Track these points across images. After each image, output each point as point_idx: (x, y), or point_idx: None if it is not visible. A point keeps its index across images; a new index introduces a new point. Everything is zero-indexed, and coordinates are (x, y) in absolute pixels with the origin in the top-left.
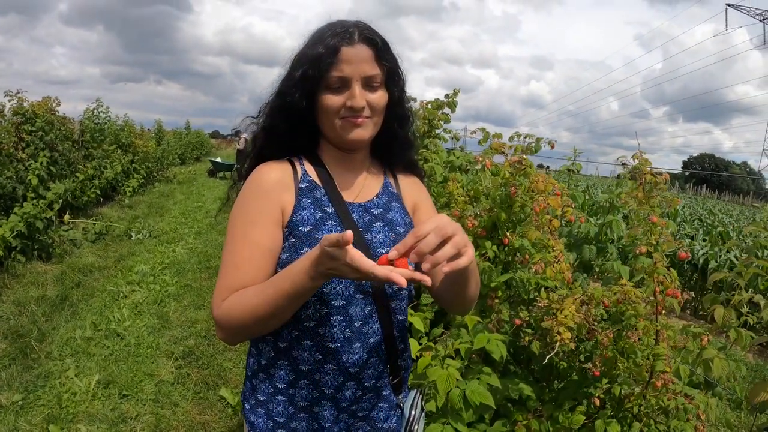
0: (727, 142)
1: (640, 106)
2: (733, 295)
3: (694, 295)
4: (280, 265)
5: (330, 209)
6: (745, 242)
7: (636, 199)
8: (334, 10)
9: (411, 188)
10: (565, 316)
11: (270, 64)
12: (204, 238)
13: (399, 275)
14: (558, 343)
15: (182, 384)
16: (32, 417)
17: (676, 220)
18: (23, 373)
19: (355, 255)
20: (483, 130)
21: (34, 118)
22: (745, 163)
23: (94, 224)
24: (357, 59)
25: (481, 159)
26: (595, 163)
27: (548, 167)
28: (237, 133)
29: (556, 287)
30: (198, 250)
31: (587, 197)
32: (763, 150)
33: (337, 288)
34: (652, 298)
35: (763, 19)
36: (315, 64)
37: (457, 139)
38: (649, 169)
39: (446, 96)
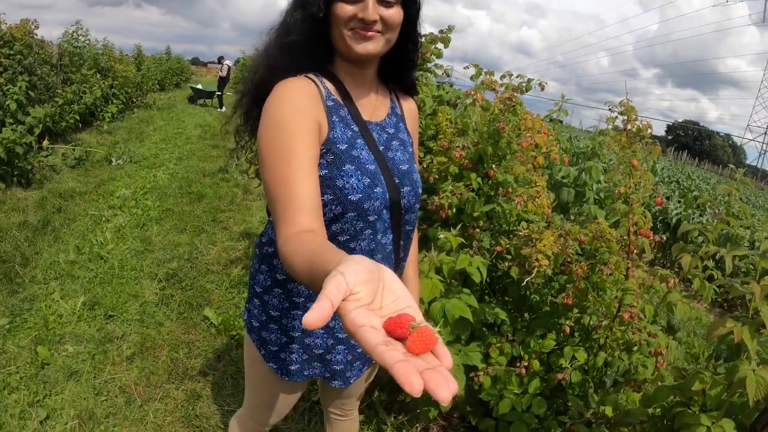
0: (713, 112)
1: (631, 65)
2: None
3: (663, 253)
4: (320, 182)
5: (355, 128)
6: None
7: (619, 143)
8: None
9: (410, 115)
10: (544, 245)
11: None
12: (185, 163)
13: None
14: (536, 269)
15: (166, 305)
16: (20, 339)
17: (654, 177)
18: (8, 298)
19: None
20: (476, 65)
21: (12, 42)
22: (728, 136)
23: (74, 150)
24: None
25: (472, 93)
26: (579, 115)
27: (537, 114)
28: (220, 60)
29: (541, 226)
30: (179, 176)
31: (570, 146)
32: (748, 125)
33: (374, 204)
34: (625, 237)
35: None
36: None
37: (448, 75)
38: (634, 117)
39: (440, 31)
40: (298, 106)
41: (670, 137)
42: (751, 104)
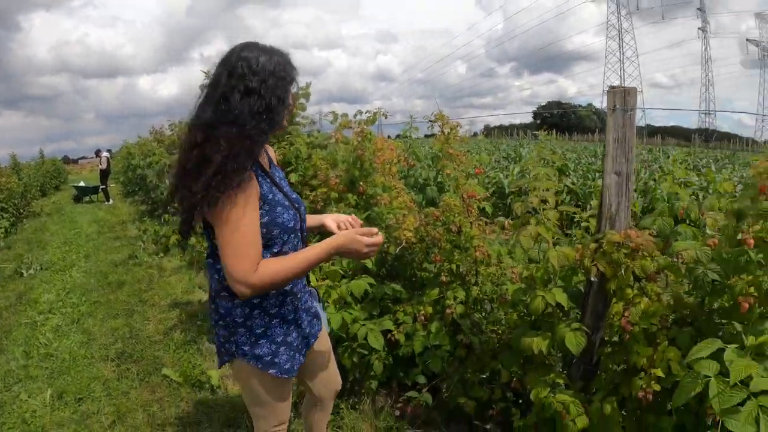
0: (572, 88)
1: (487, 66)
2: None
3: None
4: (262, 226)
5: (268, 180)
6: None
7: (440, 141)
8: (173, 10)
9: (274, 156)
10: (407, 225)
11: (112, 75)
12: (94, 259)
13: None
14: (404, 241)
15: (126, 377)
16: None
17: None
18: None
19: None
20: (333, 112)
21: None
22: (590, 105)
23: None
24: None
25: (334, 134)
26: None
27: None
28: (97, 153)
29: (404, 214)
30: (93, 271)
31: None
32: (604, 90)
33: (297, 224)
34: (462, 203)
35: None
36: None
37: (314, 123)
38: (448, 121)
39: (300, 89)
40: (251, 192)
41: (538, 122)
42: (602, 71)
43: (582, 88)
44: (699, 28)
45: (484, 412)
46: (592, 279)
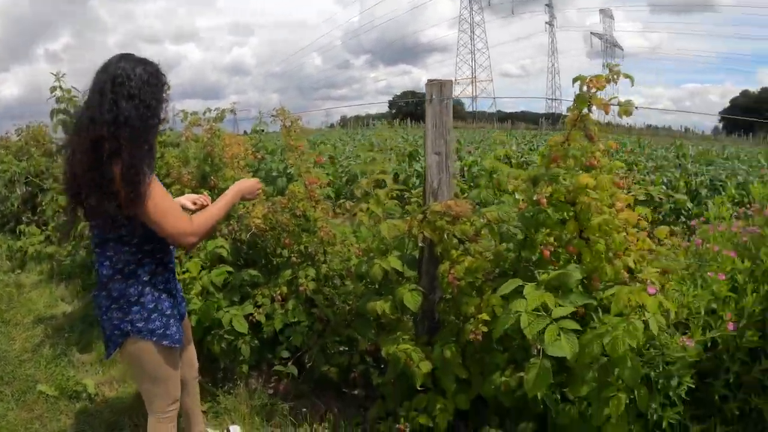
0: (426, 78)
1: (343, 57)
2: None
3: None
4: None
5: None
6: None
7: (284, 134)
8: (12, 2)
9: None
10: (256, 213)
11: None
12: None
13: None
14: (254, 227)
15: (1, 401)
16: None
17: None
18: None
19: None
20: (183, 111)
21: None
22: None
23: None
24: None
25: (185, 132)
26: (308, 116)
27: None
28: None
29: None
30: None
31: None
32: (455, 79)
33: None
34: (306, 189)
35: None
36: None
37: (167, 122)
38: (289, 115)
39: None
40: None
41: (393, 111)
42: (455, 62)
43: (436, 77)
44: (546, 23)
45: (348, 377)
46: (420, 245)
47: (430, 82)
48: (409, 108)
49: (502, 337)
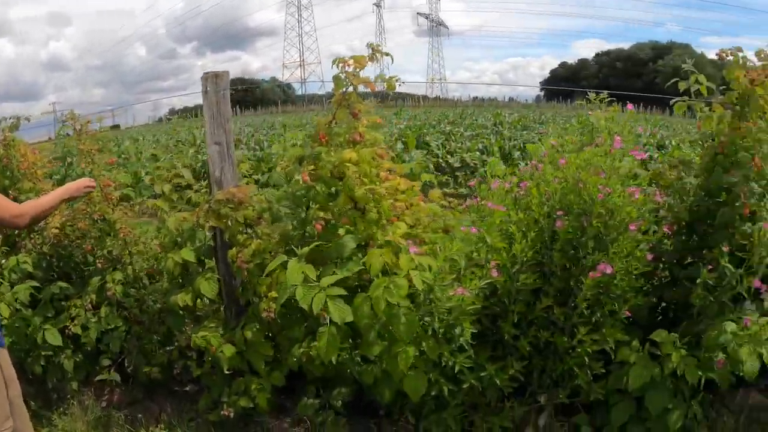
0: (255, 63)
1: (167, 47)
2: None
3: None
4: None
5: None
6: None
7: (74, 138)
8: None
9: None
10: (53, 223)
11: None
12: None
13: None
14: (53, 237)
15: None
16: None
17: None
18: None
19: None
20: None
21: None
22: (274, 78)
23: None
24: None
25: None
26: (133, 110)
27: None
28: None
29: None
30: None
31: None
32: (284, 64)
33: None
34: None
35: None
36: None
37: None
38: (78, 119)
39: None
40: None
41: None
42: (282, 46)
43: (266, 62)
44: (374, 4)
45: (172, 374)
46: (207, 233)
47: (206, 75)
48: (237, 95)
49: (301, 310)
